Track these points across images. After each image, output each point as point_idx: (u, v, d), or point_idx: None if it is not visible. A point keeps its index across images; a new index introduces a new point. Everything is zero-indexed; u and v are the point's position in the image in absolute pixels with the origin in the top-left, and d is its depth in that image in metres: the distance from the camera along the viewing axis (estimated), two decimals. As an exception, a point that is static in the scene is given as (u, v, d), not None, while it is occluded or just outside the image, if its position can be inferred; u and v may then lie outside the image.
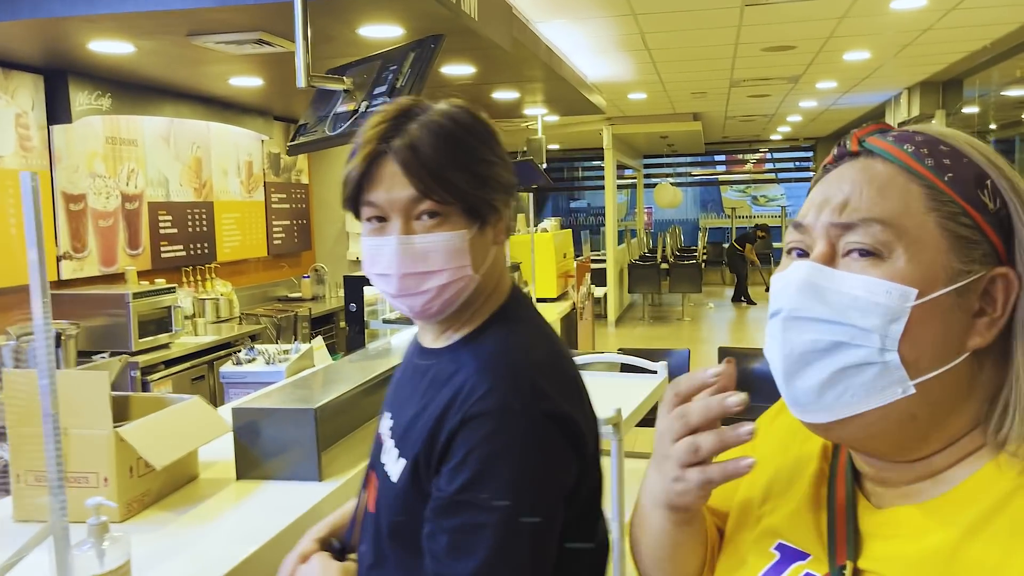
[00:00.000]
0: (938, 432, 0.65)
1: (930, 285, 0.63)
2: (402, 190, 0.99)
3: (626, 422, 2.76)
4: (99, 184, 4.61)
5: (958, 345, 0.63)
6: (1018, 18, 5.43)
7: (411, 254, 1.00)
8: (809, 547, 0.69)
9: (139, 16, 3.12)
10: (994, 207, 0.64)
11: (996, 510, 0.60)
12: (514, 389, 0.95)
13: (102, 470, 1.84)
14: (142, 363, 4.05)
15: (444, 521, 0.94)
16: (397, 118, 1.01)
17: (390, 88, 2.83)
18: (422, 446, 0.99)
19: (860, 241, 0.64)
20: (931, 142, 0.66)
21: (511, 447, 0.93)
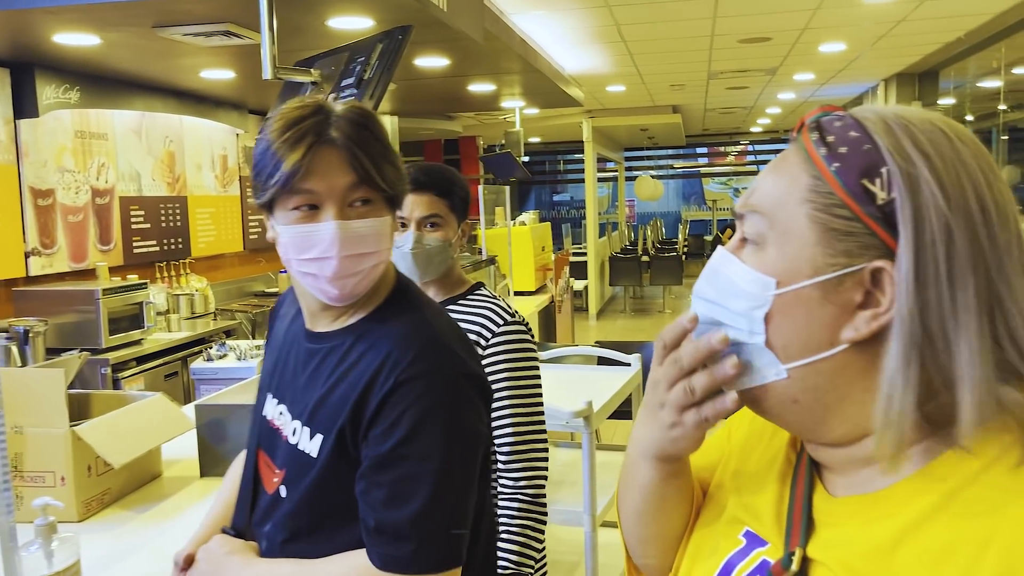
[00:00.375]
0: (836, 418, 0.65)
1: (792, 277, 0.63)
2: (341, 178, 1.06)
3: (598, 414, 2.75)
4: (68, 179, 4.55)
5: (830, 336, 0.63)
6: (991, 9, 5.46)
7: (350, 237, 1.07)
8: (769, 535, 0.70)
9: (103, 7, 3.07)
10: (885, 197, 0.60)
11: (941, 506, 0.59)
12: (436, 354, 1.08)
13: (59, 469, 1.82)
14: (113, 360, 4.01)
15: (381, 476, 1.04)
16: (319, 113, 1.08)
17: (358, 80, 2.80)
18: (347, 417, 1.07)
19: (748, 229, 0.68)
20: (845, 127, 0.64)
21: (440, 405, 1.05)
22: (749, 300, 0.65)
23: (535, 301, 5.93)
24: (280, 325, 1.30)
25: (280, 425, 1.18)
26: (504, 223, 6.06)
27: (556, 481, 2.97)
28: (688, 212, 19.19)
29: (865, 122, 0.63)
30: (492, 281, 4.97)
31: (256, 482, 1.22)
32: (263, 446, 1.21)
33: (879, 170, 0.61)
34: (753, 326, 0.65)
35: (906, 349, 0.60)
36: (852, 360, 0.63)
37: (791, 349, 0.64)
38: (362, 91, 2.77)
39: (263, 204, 1.11)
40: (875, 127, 0.63)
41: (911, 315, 0.59)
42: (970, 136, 0.63)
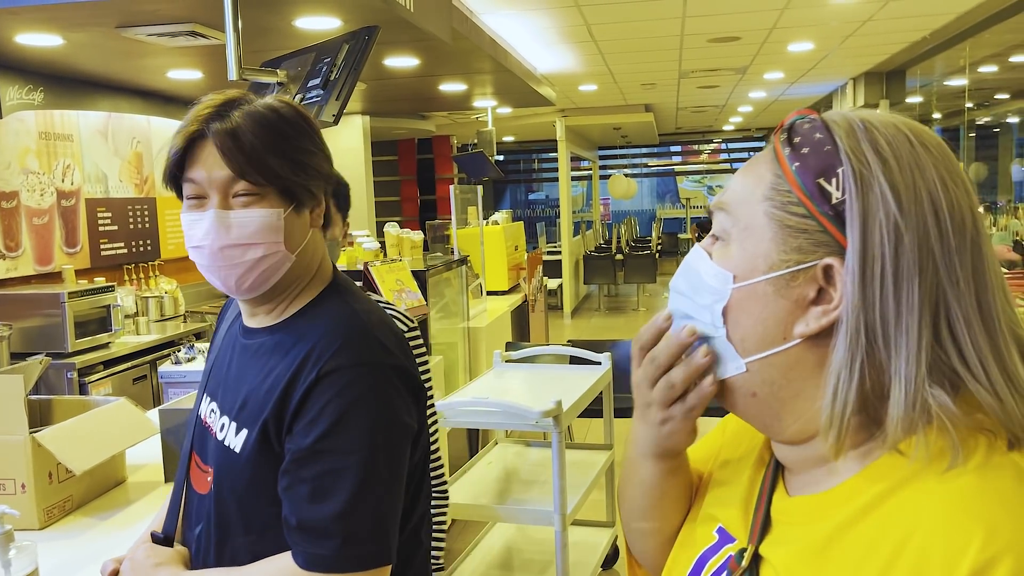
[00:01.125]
0: (790, 415, 0.67)
1: (749, 272, 0.66)
2: (219, 170, 1.07)
3: (567, 413, 2.76)
4: (33, 181, 4.48)
5: (783, 331, 0.65)
6: (954, 9, 5.54)
7: (225, 227, 1.07)
8: (736, 531, 0.72)
9: (65, 7, 3.03)
10: (839, 197, 0.62)
11: (871, 506, 0.60)
12: (363, 346, 1.07)
13: (19, 476, 1.79)
14: (80, 364, 3.95)
15: (303, 471, 1.02)
16: (223, 105, 1.09)
17: (324, 80, 2.79)
18: (271, 410, 1.06)
19: (716, 226, 0.70)
20: (813, 129, 0.65)
21: (364, 397, 1.04)
22: (712, 294, 0.68)
23: (508, 300, 5.93)
24: (223, 328, 1.31)
25: (211, 423, 1.18)
26: (477, 222, 6.06)
27: (527, 480, 2.97)
28: (662, 210, 19.28)
29: (831, 124, 0.65)
30: (464, 281, 4.97)
31: (187, 485, 1.22)
32: (195, 447, 1.21)
33: (835, 171, 0.63)
34: (715, 319, 0.68)
35: (851, 344, 0.61)
36: (805, 355, 0.64)
37: (748, 343, 0.66)
38: (328, 91, 2.76)
39: (171, 188, 1.13)
40: (839, 129, 0.64)
41: (855, 312, 0.61)
42: (935, 141, 0.64)
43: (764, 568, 0.66)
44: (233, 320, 1.27)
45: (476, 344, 4.88)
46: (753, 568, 0.66)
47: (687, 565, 0.75)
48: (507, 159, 17.60)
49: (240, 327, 1.21)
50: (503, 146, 14.80)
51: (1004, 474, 0.57)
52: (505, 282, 6.22)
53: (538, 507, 2.69)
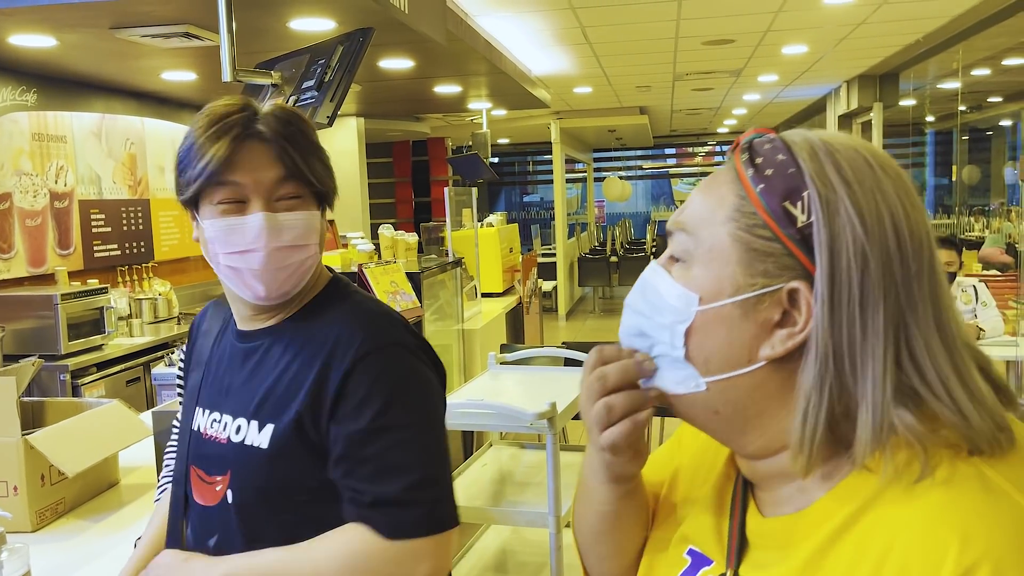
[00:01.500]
0: (755, 431, 0.67)
1: (714, 294, 0.65)
2: (267, 172, 1.07)
3: (561, 415, 2.76)
4: (26, 182, 4.47)
5: (748, 353, 0.65)
6: (948, 12, 5.57)
7: (276, 230, 1.07)
8: (712, 553, 0.71)
9: (59, 8, 3.02)
10: (804, 220, 0.62)
11: (846, 526, 0.61)
12: (387, 330, 1.12)
13: (11, 479, 1.79)
14: (73, 366, 3.94)
15: (365, 450, 1.04)
16: (246, 110, 1.08)
17: (318, 82, 2.79)
18: (305, 402, 1.07)
19: (675, 247, 0.69)
20: (774, 150, 0.65)
21: (405, 375, 1.09)
22: (673, 314, 0.67)
23: (503, 302, 5.93)
24: (204, 342, 1.28)
25: (215, 433, 1.16)
26: (471, 224, 6.06)
27: (521, 482, 2.97)
28: (657, 212, 19.30)
29: (792, 146, 0.65)
30: (459, 283, 4.97)
31: (187, 502, 1.20)
32: (195, 462, 1.19)
33: (801, 193, 0.62)
34: (675, 339, 0.67)
35: (820, 369, 0.61)
36: (770, 376, 0.65)
37: (711, 364, 0.66)
38: (323, 93, 2.76)
39: (187, 201, 1.10)
40: (801, 151, 0.64)
41: (824, 336, 0.61)
42: (893, 165, 0.65)
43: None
44: (218, 335, 1.25)
45: (471, 346, 4.88)
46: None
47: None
48: (502, 161, 17.61)
49: (234, 333, 1.20)
50: (498, 148, 14.81)
51: (971, 484, 0.58)
52: (500, 284, 6.22)
53: (533, 509, 2.69)
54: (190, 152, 1.07)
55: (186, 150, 1.08)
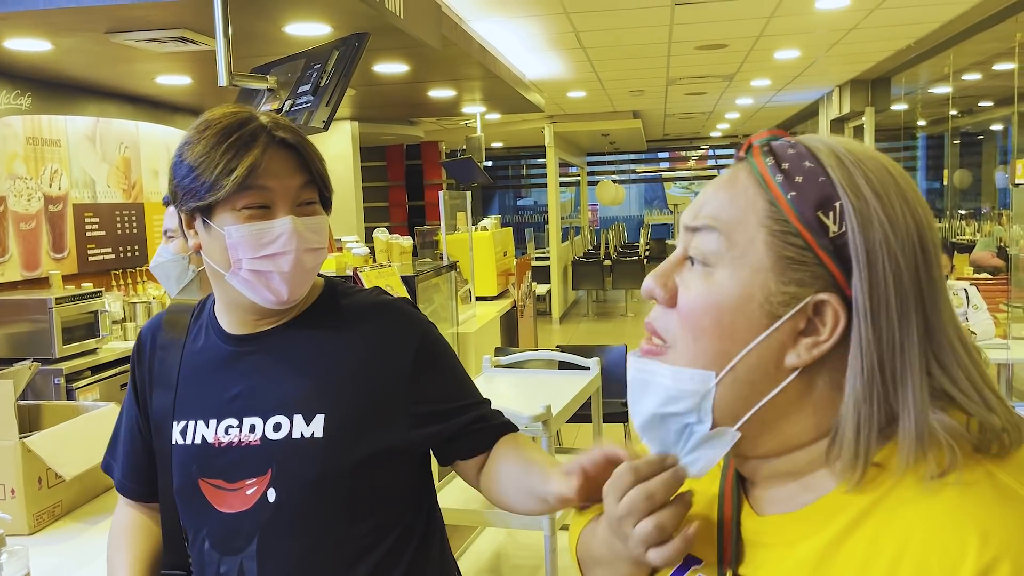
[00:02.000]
0: (768, 434, 0.67)
1: (745, 301, 0.64)
2: (292, 178, 1.11)
3: (556, 418, 2.77)
4: (20, 186, 4.47)
5: (775, 361, 0.64)
6: (939, 17, 5.61)
7: (303, 233, 1.11)
8: (702, 553, 0.71)
9: (55, 13, 3.03)
10: (836, 231, 0.62)
11: (858, 521, 0.61)
12: (413, 311, 1.25)
13: (8, 482, 1.79)
14: (67, 370, 3.94)
15: (462, 397, 1.24)
16: (256, 118, 1.11)
17: (314, 86, 2.80)
18: (368, 388, 1.15)
19: (697, 247, 0.67)
20: (799, 156, 0.64)
21: (440, 338, 1.26)
22: (692, 398, 0.66)
23: (497, 306, 5.94)
24: (166, 356, 1.24)
25: (235, 438, 1.14)
26: (466, 228, 6.07)
27: (516, 485, 2.98)
28: (650, 216, 19.34)
29: (818, 153, 0.64)
30: (453, 287, 4.98)
31: (204, 514, 1.16)
32: (207, 474, 1.16)
33: (833, 203, 0.62)
34: (702, 416, 0.66)
35: (868, 380, 0.61)
36: (791, 384, 0.65)
37: (739, 412, 0.66)
38: (319, 98, 2.77)
39: (198, 208, 1.10)
40: (828, 160, 0.64)
41: (870, 347, 0.61)
42: (908, 177, 0.65)
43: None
44: (194, 342, 1.23)
45: (465, 349, 4.89)
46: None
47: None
48: (495, 165, 17.63)
49: (223, 338, 1.19)
50: (492, 152, 14.83)
51: (984, 484, 0.59)
52: (494, 288, 6.24)
53: (527, 511, 2.70)
54: (205, 159, 1.07)
55: (199, 158, 1.08)
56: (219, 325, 1.21)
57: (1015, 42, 6.19)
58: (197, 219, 1.12)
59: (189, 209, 1.11)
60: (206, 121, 1.10)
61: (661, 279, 0.69)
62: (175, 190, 1.13)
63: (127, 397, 1.31)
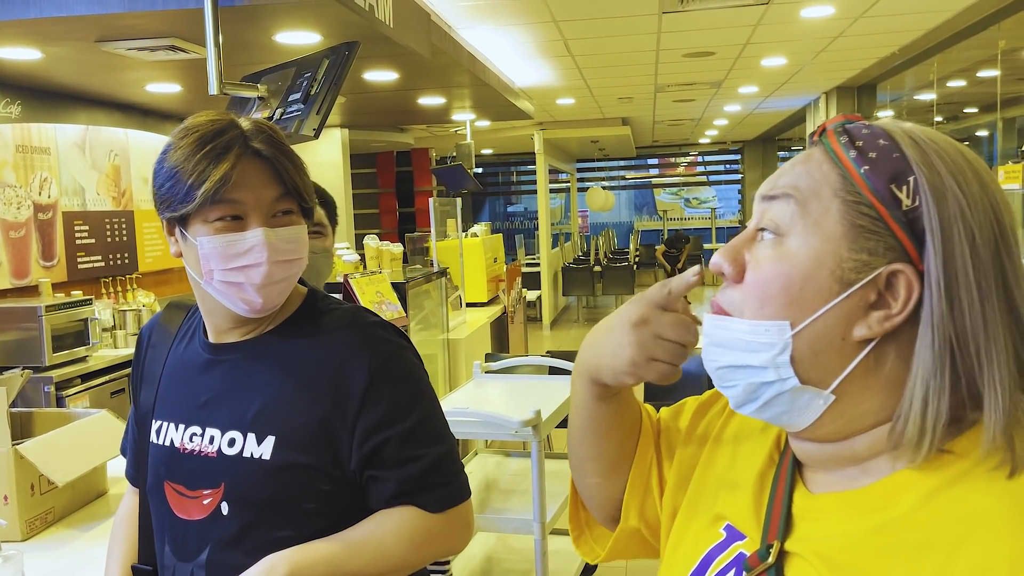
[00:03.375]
0: (831, 414, 0.66)
1: (816, 268, 0.64)
2: (267, 189, 1.10)
3: (546, 423, 2.79)
4: (9, 194, 4.47)
5: (842, 332, 0.64)
6: (922, 25, 5.68)
7: (275, 245, 1.10)
8: (747, 528, 0.71)
9: (45, 22, 3.04)
10: (910, 204, 0.62)
11: (919, 504, 0.60)
12: (385, 339, 1.18)
13: (1, 488, 1.80)
14: (57, 378, 3.94)
15: (403, 449, 1.13)
16: (235, 127, 1.10)
17: (305, 95, 2.82)
18: (317, 414, 1.12)
19: (771, 217, 0.68)
20: (873, 135, 0.65)
21: (411, 373, 1.18)
22: (768, 350, 0.65)
23: (488, 312, 5.96)
24: (153, 354, 1.28)
25: (198, 447, 1.15)
26: (456, 235, 6.09)
27: (506, 490, 3.00)
28: (640, 222, 19.41)
29: (893, 133, 0.65)
30: (443, 293, 5.00)
31: (166, 517, 1.18)
32: (171, 477, 1.17)
33: (907, 178, 0.62)
34: (781, 372, 0.65)
35: (939, 355, 0.61)
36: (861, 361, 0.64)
37: (825, 367, 0.65)
38: (309, 106, 2.79)
39: (174, 218, 1.11)
40: (903, 139, 0.64)
41: (943, 322, 0.60)
42: (985, 165, 0.65)
43: (793, 562, 0.65)
44: (173, 346, 1.25)
45: (456, 355, 4.90)
46: (779, 564, 0.66)
47: (691, 561, 0.75)
48: (485, 172, 17.67)
49: (203, 345, 1.20)
50: (481, 159, 14.86)
51: None
52: (484, 294, 6.25)
53: (518, 516, 2.72)
54: (181, 170, 1.07)
55: (174, 167, 1.08)
56: (204, 330, 1.22)
57: (998, 49, 6.27)
58: (176, 228, 1.13)
59: (166, 218, 1.12)
60: (186, 128, 1.10)
61: (731, 254, 0.69)
62: (155, 197, 1.13)
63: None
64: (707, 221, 18.02)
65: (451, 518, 1.17)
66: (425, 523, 1.15)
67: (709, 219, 18.01)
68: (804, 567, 0.64)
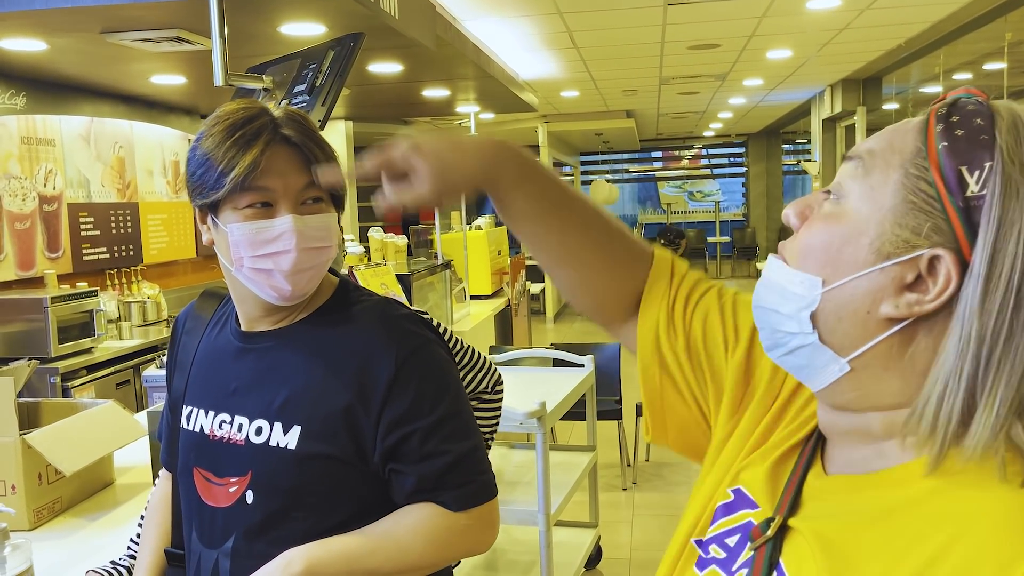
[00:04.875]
0: (849, 382, 0.65)
1: (857, 234, 0.63)
2: (297, 177, 1.10)
3: (551, 414, 2.80)
4: (14, 186, 4.47)
5: (869, 305, 0.62)
6: (929, 17, 5.65)
7: (305, 232, 1.10)
8: (761, 500, 0.71)
9: (50, 13, 3.04)
10: (975, 191, 0.58)
11: (923, 497, 0.59)
12: (414, 332, 1.17)
13: (9, 478, 1.81)
14: (62, 369, 3.95)
15: (427, 444, 1.12)
16: (265, 114, 1.10)
17: (310, 86, 2.82)
18: (343, 406, 1.11)
19: (839, 179, 0.66)
20: (975, 113, 0.61)
21: (439, 368, 1.17)
22: (796, 301, 0.66)
23: (491, 305, 5.97)
24: (187, 341, 1.29)
25: (227, 434, 1.16)
26: (460, 227, 6.09)
27: (511, 481, 3.01)
28: (644, 215, 19.38)
29: (996, 115, 0.61)
30: (448, 285, 5.00)
31: (194, 502, 1.19)
32: (200, 464, 1.19)
33: (983, 163, 0.58)
34: (803, 326, 0.65)
35: (962, 351, 0.58)
36: (888, 338, 0.63)
37: (846, 339, 0.64)
38: (314, 97, 2.79)
39: (207, 205, 1.11)
40: (1002, 122, 0.60)
41: (972, 317, 0.58)
42: None
43: (792, 537, 0.65)
44: (205, 333, 1.26)
45: (460, 348, 4.90)
46: (778, 538, 0.66)
47: (700, 508, 0.76)
48: (489, 164, 17.61)
49: (235, 333, 1.21)
50: (485, 151, 14.80)
51: None
52: (488, 286, 6.26)
53: (523, 508, 2.73)
54: (212, 157, 1.08)
55: (205, 154, 1.09)
56: (236, 318, 1.22)
57: (1005, 42, 6.24)
58: (208, 215, 1.13)
59: (198, 205, 1.13)
60: (217, 116, 1.11)
61: (798, 207, 0.69)
62: (187, 185, 1.14)
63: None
64: (711, 214, 17.97)
65: (473, 518, 1.15)
66: (445, 521, 1.14)
67: (713, 212, 17.97)
68: (800, 543, 0.64)
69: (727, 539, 0.71)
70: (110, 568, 1.41)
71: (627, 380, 5.01)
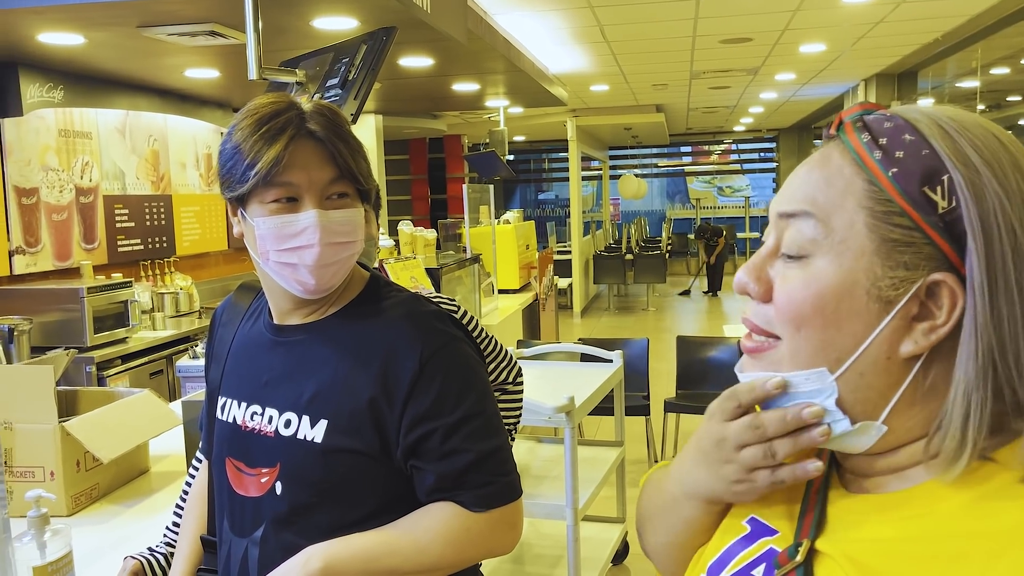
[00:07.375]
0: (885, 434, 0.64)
1: (850, 287, 0.60)
2: (321, 171, 1.10)
3: (580, 409, 2.80)
4: (52, 178, 4.55)
5: (888, 351, 0.60)
6: (967, 11, 5.55)
7: (329, 226, 1.11)
8: (779, 524, 0.69)
9: (88, 7, 3.09)
10: (945, 206, 0.57)
11: (958, 513, 0.58)
12: (441, 329, 1.16)
13: (48, 464, 1.84)
14: (98, 358, 4.02)
15: (449, 442, 1.11)
16: (293, 108, 1.10)
17: (342, 80, 2.83)
18: (368, 401, 1.11)
19: (791, 238, 0.63)
20: (897, 129, 0.60)
21: (465, 365, 1.16)
22: (814, 397, 0.63)
23: (519, 299, 5.97)
24: (223, 333, 1.30)
25: (258, 426, 1.17)
26: (488, 221, 6.10)
27: (538, 476, 3.01)
28: (672, 211, 19.27)
29: (917, 124, 0.60)
30: (476, 279, 5.01)
31: (226, 492, 1.21)
32: (232, 454, 1.20)
33: (940, 177, 0.57)
34: (833, 416, 0.63)
35: (983, 363, 0.57)
36: (904, 373, 0.61)
37: (875, 407, 0.62)
38: (347, 91, 2.80)
39: (235, 198, 1.12)
40: (930, 131, 0.59)
41: (986, 328, 0.56)
42: (1019, 143, 0.61)
43: (822, 562, 0.62)
44: (241, 325, 1.27)
45: (488, 342, 4.91)
46: (808, 562, 0.63)
47: (711, 552, 0.73)
48: (517, 159, 17.64)
49: (267, 326, 1.22)
50: (514, 146, 14.84)
51: None
52: (516, 280, 6.26)
53: (550, 502, 2.73)
54: (240, 150, 1.09)
55: (234, 148, 1.10)
56: (269, 311, 1.23)
57: (1045, 36, 6.12)
58: (238, 209, 1.15)
59: (228, 198, 1.14)
60: (247, 110, 1.11)
61: (754, 272, 0.65)
62: (218, 178, 1.15)
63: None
64: (740, 210, 17.83)
65: (494, 519, 1.14)
66: (465, 522, 1.13)
67: (743, 208, 17.82)
68: (834, 568, 0.61)
69: (752, 571, 0.68)
70: (147, 555, 1.43)
71: (655, 376, 4.99)
